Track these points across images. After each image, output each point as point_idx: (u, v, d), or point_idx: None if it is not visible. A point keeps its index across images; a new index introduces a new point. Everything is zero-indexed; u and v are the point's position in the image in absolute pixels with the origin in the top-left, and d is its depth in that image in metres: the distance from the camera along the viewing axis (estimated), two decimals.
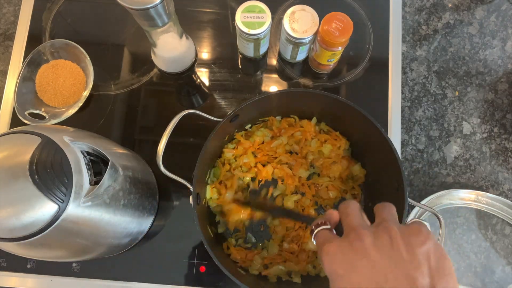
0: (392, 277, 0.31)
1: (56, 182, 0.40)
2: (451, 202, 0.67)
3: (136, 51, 0.73)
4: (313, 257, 0.60)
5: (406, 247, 0.32)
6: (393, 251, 0.32)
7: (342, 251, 0.34)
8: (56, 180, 0.40)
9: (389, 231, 0.33)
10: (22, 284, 0.63)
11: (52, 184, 0.40)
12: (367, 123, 0.55)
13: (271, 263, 0.60)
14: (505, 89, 0.74)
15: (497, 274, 0.66)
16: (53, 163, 0.41)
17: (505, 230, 0.68)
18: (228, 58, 0.73)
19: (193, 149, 0.64)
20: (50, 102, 0.68)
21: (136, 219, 0.56)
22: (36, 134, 0.42)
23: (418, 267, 0.31)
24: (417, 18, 0.77)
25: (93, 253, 0.53)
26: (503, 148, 0.71)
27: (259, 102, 0.57)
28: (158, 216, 0.65)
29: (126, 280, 0.63)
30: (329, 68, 0.70)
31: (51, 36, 0.73)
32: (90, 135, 0.50)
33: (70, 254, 0.49)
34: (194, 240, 0.64)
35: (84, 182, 0.43)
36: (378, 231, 0.34)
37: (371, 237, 0.33)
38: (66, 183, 0.41)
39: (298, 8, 0.62)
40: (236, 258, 0.60)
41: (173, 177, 0.54)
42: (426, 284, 0.30)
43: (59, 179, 0.41)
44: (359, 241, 0.33)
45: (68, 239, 0.44)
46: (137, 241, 0.62)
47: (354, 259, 0.33)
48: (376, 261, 0.32)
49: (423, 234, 0.33)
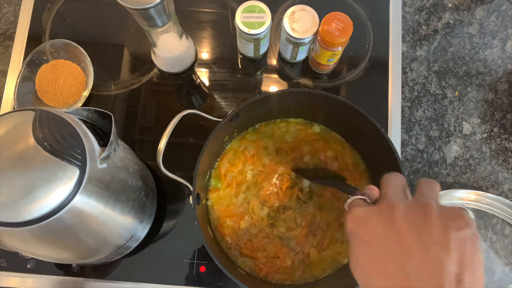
0: (417, 255, 0.28)
1: (67, 145, 0.38)
2: (451, 202, 0.67)
3: (136, 51, 0.73)
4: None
5: (440, 228, 0.29)
6: (424, 228, 0.29)
7: (369, 216, 0.32)
8: (66, 143, 0.38)
9: (425, 207, 0.30)
10: (22, 284, 0.63)
11: (64, 149, 0.38)
12: (367, 123, 0.55)
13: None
14: (505, 89, 0.74)
15: (497, 274, 0.66)
16: (59, 129, 0.39)
17: (505, 230, 0.68)
18: (228, 58, 0.73)
19: (193, 149, 0.64)
20: (50, 102, 0.68)
21: (138, 215, 0.55)
22: (28, 110, 0.40)
23: (447, 251, 0.28)
24: (417, 18, 0.77)
25: (98, 253, 0.52)
26: (503, 148, 0.71)
27: (259, 102, 0.57)
28: (159, 217, 0.65)
29: (126, 280, 0.63)
30: (329, 68, 0.70)
31: (51, 36, 0.73)
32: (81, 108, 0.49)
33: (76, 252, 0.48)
34: (194, 240, 0.64)
35: (94, 143, 0.41)
36: (413, 205, 0.31)
37: (403, 209, 0.31)
38: (77, 144, 0.39)
39: (298, 8, 0.62)
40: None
41: (173, 177, 0.54)
42: (453, 271, 0.28)
43: (69, 142, 0.39)
44: (389, 210, 0.31)
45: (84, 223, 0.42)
46: (138, 243, 0.62)
47: (379, 227, 0.31)
48: (403, 234, 0.29)
49: (464, 219, 0.30)
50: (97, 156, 0.41)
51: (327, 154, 0.64)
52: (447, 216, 0.30)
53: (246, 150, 0.64)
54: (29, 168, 0.37)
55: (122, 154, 0.48)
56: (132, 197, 0.52)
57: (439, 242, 0.29)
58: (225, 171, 0.64)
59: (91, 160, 0.40)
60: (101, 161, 0.41)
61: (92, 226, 0.45)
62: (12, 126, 0.39)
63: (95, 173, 0.40)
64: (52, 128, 0.39)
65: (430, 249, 0.28)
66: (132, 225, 0.55)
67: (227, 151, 0.65)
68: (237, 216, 0.62)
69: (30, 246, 0.42)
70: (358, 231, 0.32)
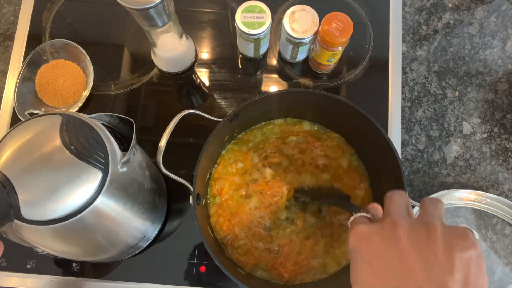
0: (420, 275, 0.28)
1: (92, 150, 0.41)
2: (451, 202, 0.67)
3: (136, 51, 0.73)
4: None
5: (444, 247, 0.28)
6: (428, 247, 0.29)
7: (372, 234, 0.31)
8: (91, 148, 0.41)
9: (429, 226, 0.30)
10: (22, 284, 0.63)
11: (89, 152, 0.40)
12: (367, 123, 0.55)
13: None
14: (505, 89, 0.74)
15: (497, 274, 0.66)
16: (84, 133, 0.41)
17: (505, 230, 0.68)
18: (228, 58, 0.73)
19: (193, 149, 0.64)
20: (50, 102, 0.68)
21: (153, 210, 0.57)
22: (55, 114, 0.43)
23: (451, 272, 0.27)
24: (417, 18, 0.77)
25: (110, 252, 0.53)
26: (503, 148, 0.71)
27: (259, 102, 0.57)
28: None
29: (126, 280, 0.63)
30: (329, 68, 0.70)
31: (51, 36, 0.73)
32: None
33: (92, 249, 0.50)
34: (194, 240, 0.64)
35: (115, 148, 0.43)
36: (416, 224, 0.31)
37: (407, 228, 0.30)
38: (101, 149, 0.41)
39: (298, 8, 0.62)
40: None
41: (173, 177, 0.54)
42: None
43: (93, 146, 0.41)
44: (393, 229, 0.30)
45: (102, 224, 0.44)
46: (148, 243, 0.63)
47: (382, 245, 0.30)
48: (405, 253, 0.29)
49: (469, 240, 0.29)
50: (119, 160, 0.43)
51: (323, 154, 0.64)
52: (451, 236, 0.29)
53: (248, 150, 0.65)
54: (55, 169, 0.39)
55: (140, 158, 0.50)
56: (148, 199, 0.53)
57: (443, 263, 0.28)
58: (225, 172, 0.64)
59: (113, 164, 0.42)
60: (122, 164, 0.43)
61: (110, 226, 0.47)
62: (40, 130, 0.41)
63: (116, 176, 0.42)
64: (78, 132, 0.41)
65: (434, 269, 0.28)
66: (145, 225, 0.56)
67: (226, 153, 0.65)
68: (237, 216, 0.62)
69: (49, 242, 0.43)
70: (360, 248, 0.31)
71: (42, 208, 0.38)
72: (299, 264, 0.60)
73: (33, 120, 0.42)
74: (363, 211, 0.37)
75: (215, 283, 0.62)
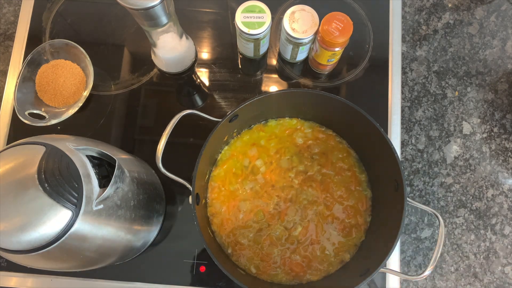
0: None
1: (66, 188, 0.40)
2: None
3: (136, 51, 0.73)
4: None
5: None
6: None
7: None
8: (66, 186, 0.40)
9: None
10: (22, 284, 0.63)
11: (62, 190, 0.40)
12: (367, 123, 0.55)
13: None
14: (505, 89, 0.74)
15: (496, 274, 0.66)
16: (61, 169, 0.41)
17: (504, 230, 0.68)
18: (228, 58, 0.73)
19: (193, 149, 0.64)
20: (50, 102, 0.68)
21: (146, 220, 0.56)
22: (40, 144, 0.42)
23: None
24: (417, 18, 0.77)
25: (107, 260, 0.53)
26: (503, 148, 0.71)
27: (259, 102, 0.57)
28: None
29: (126, 280, 0.63)
30: (329, 68, 0.70)
31: (51, 36, 0.73)
32: (91, 141, 0.50)
33: (83, 264, 0.50)
34: (194, 240, 0.64)
35: (94, 185, 0.43)
36: None
37: None
38: (76, 188, 0.41)
39: (298, 8, 0.62)
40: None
41: (173, 177, 0.54)
42: None
43: (69, 185, 0.41)
44: None
45: (83, 246, 0.44)
46: (148, 244, 0.63)
47: None
48: None
49: None
50: (94, 199, 0.43)
51: (323, 153, 0.64)
52: None
53: (249, 150, 0.65)
54: (26, 205, 0.39)
55: (127, 188, 0.49)
56: (140, 214, 0.53)
57: None
58: (225, 171, 0.64)
59: (87, 203, 0.42)
60: (97, 203, 0.43)
61: (100, 243, 0.47)
62: (20, 161, 0.41)
63: (89, 214, 0.42)
64: (56, 169, 0.41)
65: None
66: (141, 234, 0.56)
67: (225, 153, 0.65)
68: (237, 215, 0.62)
69: (37, 264, 0.43)
70: None
71: (10, 239, 0.39)
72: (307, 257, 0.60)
73: (15, 148, 0.42)
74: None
75: (215, 283, 0.62)
